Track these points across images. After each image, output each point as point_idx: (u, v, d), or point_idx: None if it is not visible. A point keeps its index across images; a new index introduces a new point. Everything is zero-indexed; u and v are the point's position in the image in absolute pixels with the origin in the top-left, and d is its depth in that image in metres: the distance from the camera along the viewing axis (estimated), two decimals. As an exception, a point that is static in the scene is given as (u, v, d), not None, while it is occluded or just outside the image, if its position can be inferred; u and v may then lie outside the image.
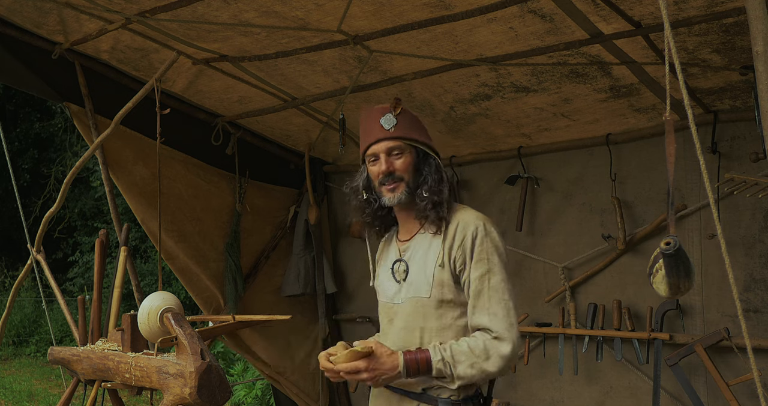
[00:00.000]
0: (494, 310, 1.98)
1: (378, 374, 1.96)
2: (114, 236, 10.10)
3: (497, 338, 1.97)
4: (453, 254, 2.05)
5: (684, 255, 1.55)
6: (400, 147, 2.14)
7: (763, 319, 3.37)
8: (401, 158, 2.14)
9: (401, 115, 2.15)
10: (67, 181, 3.31)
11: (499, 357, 1.95)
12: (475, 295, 2.02)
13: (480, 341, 1.97)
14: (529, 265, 4.11)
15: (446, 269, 2.05)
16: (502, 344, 1.96)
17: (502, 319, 1.98)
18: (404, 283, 2.14)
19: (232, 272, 4.38)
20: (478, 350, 1.96)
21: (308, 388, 4.83)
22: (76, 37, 3.50)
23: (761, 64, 1.54)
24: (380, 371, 1.96)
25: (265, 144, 4.62)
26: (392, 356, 1.98)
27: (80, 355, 2.82)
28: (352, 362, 1.96)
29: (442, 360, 1.96)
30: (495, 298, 1.99)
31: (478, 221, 2.06)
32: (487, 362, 1.95)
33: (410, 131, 2.14)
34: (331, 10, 2.88)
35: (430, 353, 1.97)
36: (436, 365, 1.96)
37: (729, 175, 3.22)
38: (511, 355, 1.96)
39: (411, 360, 1.96)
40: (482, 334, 1.99)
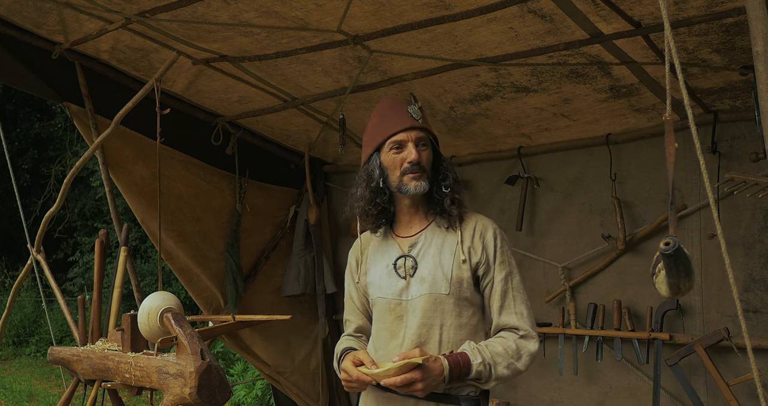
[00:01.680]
0: (520, 309, 2.09)
1: (429, 382, 1.93)
2: (114, 236, 10.11)
3: (525, 336, 2.06)
4: (474, 255, 2.11)
5: (683, 255, 1.55)
6: (425, 139, 2.15)
7: (762, 319, 3.37)
8: (426, 151, 2.15)
9: (422, 110, 2.19)
10: (67, 181, 3.31)
11: (528, 355, 2.04)
12: (502, 295, 2.10)
13: (511, 342, 2.04)
14: (529, 265, 4.11)
15: (466, 268, 2.09)
16: (529, 342, 2.05)
17: (527, 318, 2.09)
18: (412, 279, 2.11)
19: (233, 272, 4.38)
20: (511, 350, 2.03)
21: (308, 388, 4.83)
22: (76, 37, 3.50)
23: (761, 64, 1.54)
24: (431, 379, 1.94)
25: (265, 144, 4.62)
26: (437, 362, 1.97)
27: (80, 355, 2.82)
28: (406, 374, 1.91)
29: (482, 362, 1.99)
30: (519, 298, 2.10)
31: (492, 225, 2.16)
32: (519, 362, 2.03)
33: (431, 126, 2.23)
34: (331, 10, 2.88)
35: (469, 356, 1.99)
36: (476, 367, 1.98)
37: (729, 175, 3.22)
38: (537, 352, 2.07)
39: (455, 363, 1.97)
40: (510, 333, 2.07)
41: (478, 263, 2.10)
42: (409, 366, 1.91)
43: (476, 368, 1.97)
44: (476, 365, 1.97)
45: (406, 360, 1.92)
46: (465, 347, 2.02)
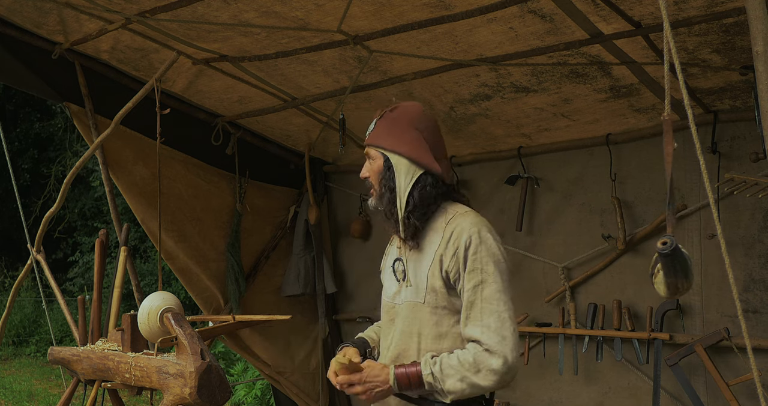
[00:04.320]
0: (486, 322, 1.90)
1: (370, 387, 1.96)
2: (114, 236, 10.10)
3: (488, 350, 1.89)
4: (446, 262, 1.99)
5: (681, 255, 1.55)
6: (371, 154, 2.12)
7: (762, 319, 3.37)
8: (372, 165, 2.13)
9: (381, 120, 2.11)
10: (67, 181, 3.31)
11: (489, 371, 1.87)
12: (468, 306, 1.95)
13: (470, 354, 1.90)
14: (528, 265, 4.11)
15: (438, 277, 1.99)
16: (492, 357, 1.88)
17: (494, 331, 1.89)
18: (403, 283, 2.12)
19: (234, 271, 4.38)
20: (467, 363, 1.89)
21: (308, 388, 4.83)
22: (76, 37, 3.50)
23: (761, 64, 1.54)
24: (372, 384, 1.96)
25: (265, 144, 4.62)
26: (384, 370, 1.96)
27: (80, 355, 2.82)
28: (346, 376, 1.97)
29: (432, 374, 1.91)
30: (488, 309, 1.91)
31: (473, 228, 1.97)
32: (476, 376, 1.88)
33: (381, 138, 2.10)
34: (331, 10, 2.88)
35: (421, 367, 1.93)
36: (426, 378, 1.92)
37: (729, 175, 3.22)
38: (504, 369, 1.87)
39: (401, 375, 1.94)
40: (474, 346, 1.92)
41: (448, 270, 1.98)
42: (347, 368, 1.97)
43: (425, 379, 1.92)
44: (425, 376, 1.92)
45: (340, 362, 1.97)
46: (424, 358, 1.97)
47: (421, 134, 2.08)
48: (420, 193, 2.03)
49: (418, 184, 2.04)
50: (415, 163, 2.05)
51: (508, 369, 1.88)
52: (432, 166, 2.05)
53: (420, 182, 2.04)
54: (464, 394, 1.91)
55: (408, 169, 2.05)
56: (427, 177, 2.06)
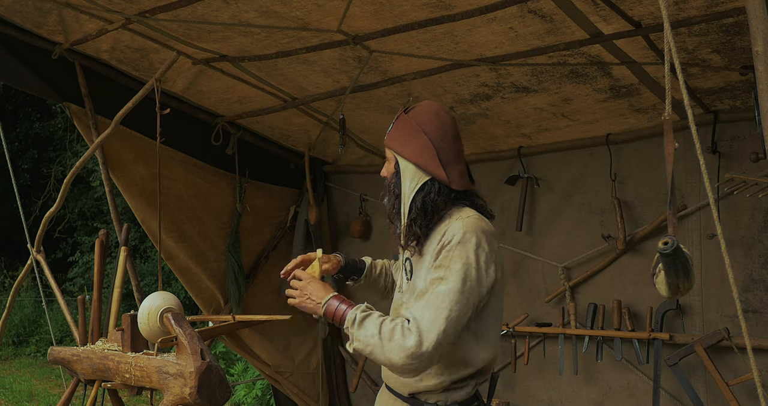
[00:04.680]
0: (423, 313, 1.85)
1: (304, 298, 2.07)
2: (114, 236, 10.10)
3: (410, 330, 1.83)
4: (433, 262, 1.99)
5: (682, 255, 1.55)
6: (388, 155, 2.13)
7: (762, 319, 3.37)
8: (388, 166, 2.14)
9: (397, 122, 2.10)
10: (67, 181, 3.31)
11: (400, 347, 1.82)
12: (419, 294, 1.91)
13: (394, 324, 1.86)
14: (528, 265, 4.11)
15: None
16: (410, 336, 1.82)
17: (424, 321, 1.84)
18: (410, 282, 2.13)
19: (235, 271, 4.38)
20: (386, 329, 1.85)
21: (308, 388, 4.83)
22: (76, 37, 3.50)
23: (761, 64, 1.54)
24: (307, 297, 2.06)
25: (265, 144, 4.63)
26: (323, 292, 2.04)
27: (80, 355, 2.82)
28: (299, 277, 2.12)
29: (353, 320, 1.91)
30: (432, 303, 1.86)
31: (461, 229, 1.93)
32: (387, 343, 1.83)
33: (393, 140, 2.09)
34: (331, 10, 2.88)
35: (350, 311, 1.94)
36: (348, 316, 1.93)
37: (729, 175, 3.22)
38: (415, 353, 1.80)
39: (331, 307, 1.99)
40: (402, 320, 1.88)
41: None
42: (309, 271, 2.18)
43: (348, 316, 1.93)
44: (348, 318, 1.92)
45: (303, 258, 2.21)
46: (360, 305, 1.97)
47: (429, 139, 2.03)
48: (423, 200, 2.00)
49: (422, 190, 2.01)
50: (422, 169, 2.02)
51: (418, 356, 1.81)
52: (437, 172, 2.01)
53: (425, 189, 2.01)
54: (365, 353, 1.90)
55: (414, 175, 2.02)
56: (434, 184, 2.01)
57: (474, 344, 1.99)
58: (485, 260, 1.92)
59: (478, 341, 2.00)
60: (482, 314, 1.99)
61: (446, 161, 2.03)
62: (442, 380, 1.99)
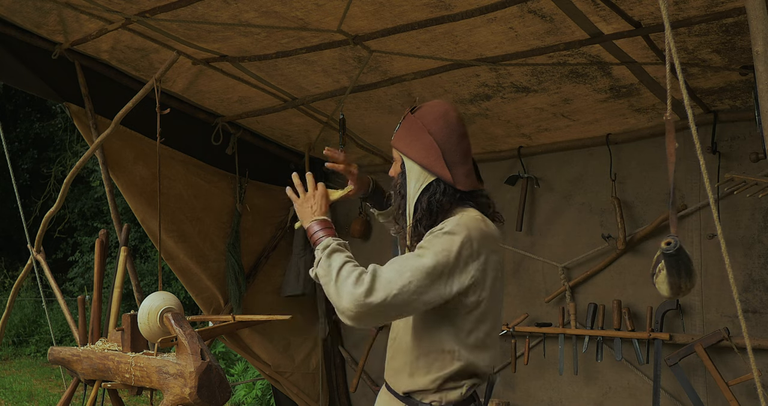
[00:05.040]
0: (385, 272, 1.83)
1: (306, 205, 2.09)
2: (114, 236, 10.09)
3: (364, 280, 1.80)
4: None
5: (685, 255, 1.55)
6: (395, 156, 2.12)
7: (762, 319, 3.37)
8: (395, 167, 2.13)
9: (404, 122, 2.09)
10: (67, 182, 3.31)
11: (348, 292, 1.80)
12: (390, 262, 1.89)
13: (357, 270, 1.84)
14: (528, 265, 4.11)
15: None
16: (361, 286, 1.79)
17: (382, 280, 1.81)
18: None
19: (235, 271, 4.38)
20: (346, 270, 1.85)
21: (308, 388, 4.83)
22: (76, 37, 3.50)
23: (761, 64, 1.54)
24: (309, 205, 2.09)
25: (265, 144, 4.63)
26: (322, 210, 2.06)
27: (80, 355, 2.82)
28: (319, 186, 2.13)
29: (325, 247, 1.94)
30: (397, 268, 1.83)
31: (455, 222, 1.91)
32: (340, 282, 1.83)
33: (399, 141, 2.09)
34: (331, 10, 2.88)
35: (325, 238, 1.97)
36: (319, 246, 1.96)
37: (729, 175, 3.22)
38: (358, 301, 1.78)
39: (318, 225, 2.02)
40: (364, 270, 1.85)
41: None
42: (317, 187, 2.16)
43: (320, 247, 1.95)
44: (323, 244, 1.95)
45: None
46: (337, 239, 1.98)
47: (434, 139, 2.02)
48: (429, 201, 1.99)
49: (427, 191, 1.99)
50: (427, 170, 2.01)
51: (361, 305, 1.79)
52: (443, 173, 1.99)
53: (430, 189, 2.00)
54: (321, 282, 1.92)
55: (419, 176, 2.01)
56: (439, 184, 1.99)
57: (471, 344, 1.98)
58: (467, 255, 1.89)
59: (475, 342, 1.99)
60: (474, 313, 1.97)
61: (452, 162, 2.02)
62: (435, 378, 1.98)
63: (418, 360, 1.98)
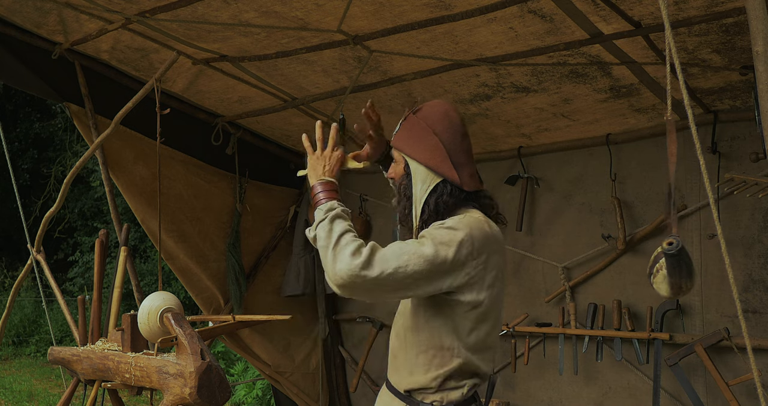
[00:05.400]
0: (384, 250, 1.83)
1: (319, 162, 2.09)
2: (114, 236, 10.09)
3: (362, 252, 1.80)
4: None
5: (686, 255, 1.55)
6: (396, 157, 2.11)
7: (761, 319, 3.37)
8: (396, 168, 2.12)
9: (405, 123, 2.09)
10: (67, 182, 3.31)
11: (345, 260, 1.80)
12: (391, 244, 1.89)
13: (356, 241, 1.84)
14: (528, 265, 4.11)
15: None
16: (358, 257, 1.79)
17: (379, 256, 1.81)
18: None
19: (235, 271, 4.38)
20: (347, 239, 1.84)
21: (308, 388, 4.83)
22: (76, 37, 3.50)
23: (761, 64, 1.54)
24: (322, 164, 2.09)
25: (265, 144, 4.63)
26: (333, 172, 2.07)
27: (80, 355, 2.82)
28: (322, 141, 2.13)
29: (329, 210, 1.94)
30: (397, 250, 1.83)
31: (459, 221, 1.91)
32: (338, 250, 1.82)
33: (402, 142, 2.08)
34: (331, 10, 2.88)
35: (327, 201, 1.98)
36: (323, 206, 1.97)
37: (729, 175, 3.22)
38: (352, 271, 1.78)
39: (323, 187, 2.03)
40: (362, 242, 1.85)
41: None
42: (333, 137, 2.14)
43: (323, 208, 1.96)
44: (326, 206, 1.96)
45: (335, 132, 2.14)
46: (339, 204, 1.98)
47: (440, 140, 2.01)
48: (436, 202, 1.98)
49: (434, 192, 1.99)
50: (433, 171, 2.00)
51: (354, 276, 1.78)
52: (450, 174, 1.99)
53: (437, 191, 1.99)
54: (317, 245, 1.91)
55: (425, 177, 2.01)
56: (446, 185, 1.99)
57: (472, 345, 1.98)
58: (466, 253, 1.88)
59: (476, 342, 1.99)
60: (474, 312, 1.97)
61: (458, 163, 2.01)
62: (435, 376, 1.97)
63: (418, 357, 1.98)
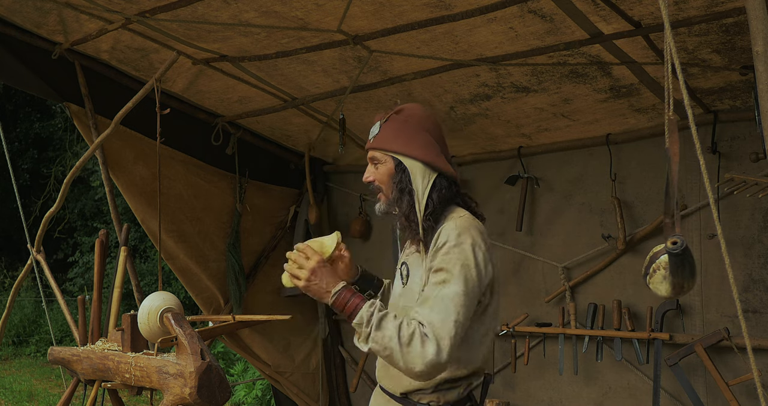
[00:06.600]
0: (433, 316, 1.83)
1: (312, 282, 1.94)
2: (114, 236, 10.09)
3: (427, 336, 1.81)
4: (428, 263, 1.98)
5: (690, 255, 1.55)
6: (377, 157, 2.10)
7: (761, 319, 3.37)
8: (379, 169, 2.10)
9: (388, 123, 2.09)
10: (67, 182, 3.31)
11: (420, 355, 1.79)
12: (423, 299, 1.89)
13: (414, 327, 1.82)
14: (528, 265, 4.11)
15: (425, 280, 1.97)
16: (428, 344, 1.80)
17: (437, 326, 1.82)
18: (405, 286, 2.13)
19: (235, 271, 4.38)
20: (405, 332, 1.82)
21: (308, 388, 4.83)
22: (76, 37, 3.50)
23: (761, 64, 1.54)
24: (315, 282, 1.94)
25: (265, 144, 4.63)
26: (334, 280, 1.95)
27: (80, 355, 2.82)
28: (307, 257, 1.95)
29: (370, 315, 1.87)
30: (438, 307, 1.84)
31: (454, 231, 1.94)
32: (404, 348, 1.80)
33: (390, 141, 2.07)
34: (331, 10, 2.88)
35: (363, 305, 1.89)
36: (359, 316, 1.88)
37: (729, 175, 3.21)
38: (432, 362, 1.79)
39: (343, 299, 1.91)
40: (419, 324, 1.83)
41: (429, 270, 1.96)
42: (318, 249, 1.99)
43: (358, 316, 1.87)
44: (360, 314, 1.87)
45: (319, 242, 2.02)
46: (372, 300, 1.92)
47: (431, 136, 2.07)
48: (438, 196, 2.02)
49: (435, 187, 2.03)
50: (430, 167, 2.03)
51: (436, 364, 1.80)
52: (446, 168, 2.04)
53: (437, 185, 2.03)
54: (381, 355, 1.87)
55: (424, 173, 2.03)
56: (442, 179, 2.04)
57: (467, 344, 1.99)
58: (483, 258, 1.94)
59: (472, 341, 2.00)
60: (488, 310, 2.00)
61: (447, 158, 2.08)
62: (435, 379, 1.99)
63: None
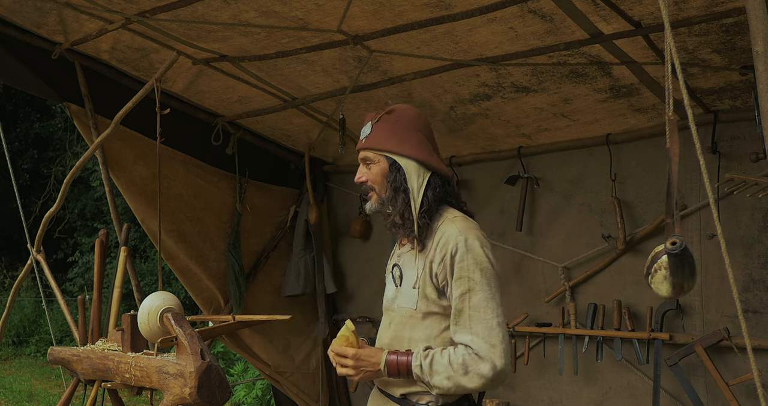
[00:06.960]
0: (475, 330, 1.94)
1: (361, 366, 2.02)
2: (114, 236, 10.10)
3: (477, 355, 1.93)
4: (435, 269, 2.01)
5: (690, 255, 1.55)
6: (370, 157, 2.12)
7: (761, 319, 3.37)
8: (371, 168, 2.12)
9: (379, 124, 2.10)
10: (67, 182, 3.31)
11: (477, 375, 1.92)
12: (456, 314, 1.98)
13: (460, 356, 1.94)
14: (528, 265, 4.11)
15: (428, 284, 2.02)
16: (481, 362, 1.92)
17: (482, 339, 1.93)
18: (400, 288, 2.13)
19: (235, 272, 4.38)
20: (456, 364, 1.93)
21: (308, 388, 4.83)
22: (76, 37, 3.50)
23: (761, 64, 1.54)
24: (364, 363, 2.02)
25: (265, 144, 4.63)
26: (378, 353, 2.02)
27: (80, 355, 2.82)
28: (340, 351, 2.03)
29: (420, 367, 1.96)
30: (476, 317, 1.95)
31: (459, 236, 1.99)
32: (464, 377, 1.92)
33: (383, 141, 2.09)
34: (331, 10, 2.88)
35: (412, 358, 1.98)
36: (414, 370, 1.97)
37: (729, 175, 3.21)
38: (493, 374, 1.92)
39: (393, 361, 1.99)
40: (464, 348, 1.95)
41: (437, 276, 2.02)
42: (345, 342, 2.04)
43: (414, 370, 1.97)
44: (415, 367, 1.97)
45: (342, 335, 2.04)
46: (416, 349, 2.00)
47: (423, 135, 2.11)
48: (433, 194, 2.07)
49: (430, 185, 2.07)
50: (424, 166, 2.07)
51: (497, 374, 1.92)
52: (440, 167, 2.09)
53: (431, 184, 2.07)
54: (450, 391, 1.96)
55: (418, 172, 2.07)
56: (436, 178, 2.08)
57: None
58: (492, 255, 2.02)
59: None
60: None
61: (439, 157, 2.14)
62: None
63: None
